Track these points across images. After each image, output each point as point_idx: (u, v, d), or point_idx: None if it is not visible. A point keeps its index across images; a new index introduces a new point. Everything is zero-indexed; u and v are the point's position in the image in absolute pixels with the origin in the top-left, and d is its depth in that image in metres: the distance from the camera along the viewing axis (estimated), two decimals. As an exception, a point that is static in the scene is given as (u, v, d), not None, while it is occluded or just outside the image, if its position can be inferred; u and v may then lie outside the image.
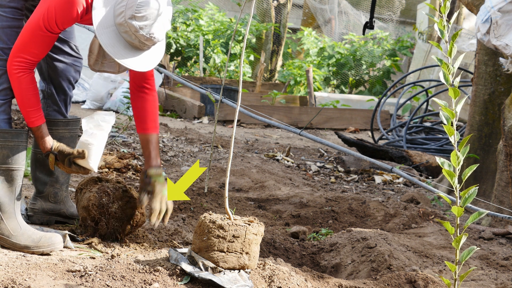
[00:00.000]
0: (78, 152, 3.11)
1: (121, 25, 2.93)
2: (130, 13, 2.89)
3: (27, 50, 2.98)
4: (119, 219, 3.21)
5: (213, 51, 14.54)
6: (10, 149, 2.98)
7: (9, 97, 3.05)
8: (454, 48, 2.25)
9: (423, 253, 3.77)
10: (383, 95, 9.89)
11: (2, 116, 3.02)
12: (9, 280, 2.54)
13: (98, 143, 3.15)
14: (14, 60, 2.98)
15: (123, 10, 2.91)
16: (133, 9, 2.89)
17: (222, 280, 2.65)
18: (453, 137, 2.24)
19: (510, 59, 4.49)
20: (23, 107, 3.03)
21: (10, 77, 3.00)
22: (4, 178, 2.97)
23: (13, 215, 2.99)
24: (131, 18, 2.90)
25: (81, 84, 10.45)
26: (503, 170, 4.74)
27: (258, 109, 9.40)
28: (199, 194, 4.59)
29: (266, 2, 16.03)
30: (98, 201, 3.19)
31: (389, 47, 15.39)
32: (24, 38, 2.98)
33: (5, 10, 3.02)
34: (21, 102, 3.02)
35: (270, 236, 3.88)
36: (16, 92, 3.01)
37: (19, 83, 3.00)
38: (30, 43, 2.98)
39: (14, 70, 2.98)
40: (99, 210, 3.19)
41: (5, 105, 3.04)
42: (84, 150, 3.11)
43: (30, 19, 3.00)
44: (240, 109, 3.57)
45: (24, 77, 2.99)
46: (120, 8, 2.93)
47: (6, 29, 3.02)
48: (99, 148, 3.15)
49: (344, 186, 6.18)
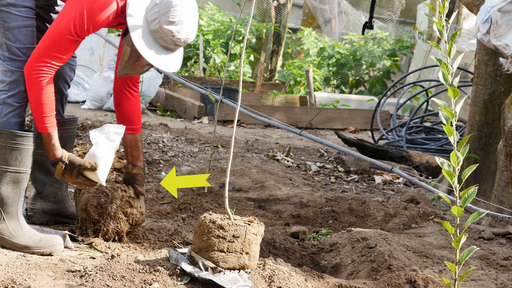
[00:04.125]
0: (90, 164, 3.07)
1: (156, 32, 2.95)
2: (165, 19, 2.92)
3: (52, 55, 2.92)
4: (118, 219, 3.21)
5: (213, 51, 14.54)
6: (19, 152, 2.97)
7: (25, 101, 3.00)
8: (453, 48, 2.25)
9: (423, 253, 3.77)
10: (383, 95, 9.89)
11: (15, 119, 2.99)
12: (9, 280, 2.54)
13: (108, 156, 3.11)
14: (36, 65, 2.92)
15: (157, 17, 2.93)
16: (167, 15, 2.92)
17: (222, 280, 2.65)
18: (453, 137, 2.24)
19: (510, 59, 4.49)
20: (39, 112, 2.96)
21: (29, 81, 2.93)
22: (11, 180, 2.96)
23: (15, 216, 2.99)
24: (166, 24, 2.93)
25: (81, 84, 10.45)
26: (503, 170, 4.74)
27: (258, 109, 9.40)
28: (199, 194, 4.59)
29: (266, 2, 16.02)
30: (96, 201, 3.19)
31: (389, 47, 15.38)
32: (48, 42, 2.92)
33: (20, 9, 2.97)
34: (38, 107, 2.95)
35: (270, 236, 3.88)
36: (34, 97, 2.95)
37: (39, 88, 2.93)
38: (55, 48, 2.92)
39: (35, 74, 2.92)
40: (97, 210, 3.19)
41: (21, 108, 3.00)
42: (96, 162, 3.08)
43: (56, 24, 2.94)
44: (240, 109, 3.57)
45: (45, 82, 2.94)
46: (152, 15, 2.94)
47: (22, 29, 2.98)
48: (109, 161, 3.11)
49: (344, 186, 6.18)
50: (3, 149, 2.94)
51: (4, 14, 2.94)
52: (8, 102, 2.96)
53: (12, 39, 2.95)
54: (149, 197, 4.59)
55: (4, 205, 2.97)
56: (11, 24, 2.95)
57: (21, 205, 3.02)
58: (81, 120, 7.64)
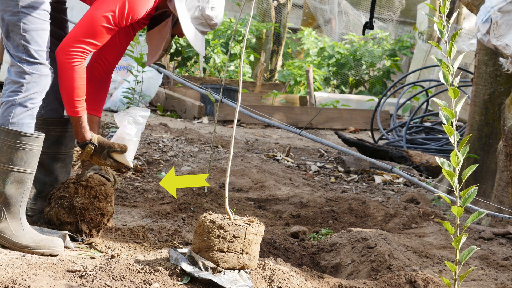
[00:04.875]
0: (120, 146, 3.17)
1: (197, 18, 3.17)
2: (206, 5, 3.15)
3: (86, 41, 3.00)
4: (88, 210, 3.19)
5: (213, 51, 14.54)
6: (26, 152, 2.97)
7: (38, 102, 3.01)
8: (454, 48, 2.25)
9: (423, 253, 3.77)
10: (383, 95, 9.89)
11: (28, 120, 2.99)
12: (9, 280, 2.54)
13: (136, 138, 3.21)
14: (69, 50, 2.98)
15: (198, 4, 3.16)
16: (208, 2, 3.15)
17: (222, 280, 2.65)
18: (453, 137, 2.24)
19: (510, 59, 4.49)
20: (71, 96, 3.03)
21: (62, 65, 2.99)
22: (15, 180, 2.96)
23: (17, 216, 2.99)
24: (208, 10, 3.15)
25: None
26: (503, 170, 4.74)
27: (258, 109, 9.40)
28: (199, 194, 4.59)
29: (266, 2, 16.02)
30: (63, 210, 3.19)
31: (389, 47, 15.38)
32: (84, 28, 3.00)
33: (39, 12, 2.98)
34: (70, 92, 3.02)
35: (270, 236, 3.88)
36: (66, 81, 3.00)
37: (73, 72, 3.00)
38: (91, 35, 3.00)
39: (70, 59, 2.98)
40: (71, 217, 3.18)
41: (34, 109, 3.00)
42: (125, 144, 3.18)
43: (94, 11, 3.02)
44: (240, 109, 3.57)
45: (79, 66, 3.00)
46: (193, 2, 3.16)
47: (40, 31, 2.98)
48: (136, 143, 3.21)
49: (344, 186, 6.18)
50: (9, 149, 2.94)
51: (23, 15, 2.95)
52: (21, 103, 2.96)
53: (30, 41, 2.96)
54: (149, 197, 4.59)
55: (7, 204, 2.97)
56: (29, 26, 2.95)
57: (24, 205, 3.02)
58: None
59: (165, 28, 3.26)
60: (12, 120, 2.96)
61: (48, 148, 3.36)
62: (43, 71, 2.98)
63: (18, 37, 2.95)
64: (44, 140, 3.23)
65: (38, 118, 3.37)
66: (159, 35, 3.28)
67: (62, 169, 3.45)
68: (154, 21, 3.32)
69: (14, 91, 2.96)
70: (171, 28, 3.25)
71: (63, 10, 3.34)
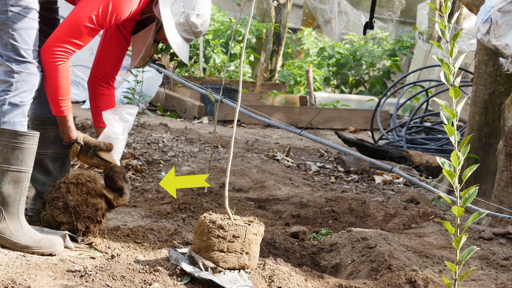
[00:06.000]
0: (105, 145, 3.17)
1: (181, 25, 3.13)
2: (192, 12, 3.11)
3: (70, 41, 3.00)
4: (82, 206, 3.19)
5: (213, 51, 14.54)
6: (21, 151, 2.97)
7: (28, 100, 3.02)
8: (455, 48, 2.24)
9: (423, 253, 3.77)
10: (383, 95, 9.89)
11: (19, 118, 2.99)
12: (9, 280, 2.54)
13: (122, 136, 3.20)
14: (53, 50, 2.98)
15: (183, 10, 3.11)
16: (194, 8, 3.11)
17: (222, 280, 2.65)
18: (454, 137, 2.24)
19: (510, 59, 4.49)
20: (55, 96, 3.03)
21: (46, 65, 2.99)
22: (12, 179, 2.96)
23: (16, 216, 2.99)
24: (193, 17, 3.11)
25: (81, 84, 10.45)
26: (503, 170, 4.74)
27: (258, 109, 9.40)
28: (199, 194, 4.58)
29: (266, 2, 16.02)
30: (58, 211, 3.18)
31: (389, 47, 15.38)
32: (68, 28, 3.00)
33: (28, 11, 2.97)
34: (55, 91, 3.02)
35: (270, 236, 3.88)
36: (51, 80, 3.01)
37: (57, 72, 3.00)
38: (75, 35, 3.00)
39: (53, 58, 2.99)
40: (66, 217, 3.18)
41: (24, 108, 3.01)
42: (110, 143, 3.17)
43: (78, 10, 3.01)
44: (240, 109, 3.57)
45: (63, 65, 3.01)
46: (178, 8, 3.11)
47: (29, 30, 2.98)
48: (123, 141, 3.20)
49: (344, 186, 6.18)
50: (4, 148, 2.94)
51: (12, 14, 2.94)
52: (11, 102, 2.96)
53: (19, 40, 2.95)
54: (149, 197, 4.59)
55: (5, 204, 2.97)
56: (18, 25, 2.95)
57: (22, 205, 3.02)
58: (81, 120, 7.63)
59: (148, 33, 3.24)
60: (4, 119, 2.96)
61: (46, 148, 3.36)
62: (32, 70, 2.98)
63: (6, 36, 2.95)
64: (41, 140, 3.23)
65: (35, 118, 3.38)
66: (142, 40, 3.26)
67: (61, 169, 3.44)
68: (139, 26, 3.31)
69: (3, 91, 2.96)
70: (154, 33, 3.22)
71: (55, 9, 3.33)
